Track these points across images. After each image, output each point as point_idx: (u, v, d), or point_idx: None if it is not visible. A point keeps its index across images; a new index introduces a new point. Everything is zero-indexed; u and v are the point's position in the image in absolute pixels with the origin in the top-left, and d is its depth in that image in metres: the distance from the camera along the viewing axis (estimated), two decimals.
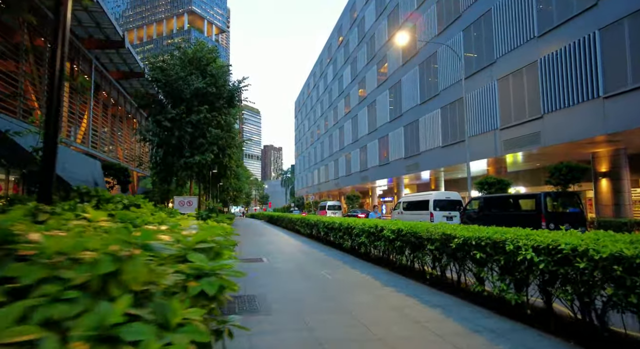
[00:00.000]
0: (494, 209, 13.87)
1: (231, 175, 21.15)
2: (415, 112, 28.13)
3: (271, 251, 11.10)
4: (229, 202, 58.62)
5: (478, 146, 20.73)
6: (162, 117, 15.26)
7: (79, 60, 28.28)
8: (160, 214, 3.11)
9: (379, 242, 7.74)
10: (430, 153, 25.90)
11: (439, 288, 5.82)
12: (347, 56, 44.87)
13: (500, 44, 19.19)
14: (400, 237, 6.81)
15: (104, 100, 35.07)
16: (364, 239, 8.43)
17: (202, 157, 15.15)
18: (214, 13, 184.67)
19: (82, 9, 24.65)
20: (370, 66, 37.18)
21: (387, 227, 7.34)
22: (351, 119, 42.24)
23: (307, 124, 66.96)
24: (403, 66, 30.30)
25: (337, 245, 11.34)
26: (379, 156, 34.39)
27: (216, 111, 15.99)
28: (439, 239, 5.50)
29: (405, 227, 6.69)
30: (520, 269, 3.87)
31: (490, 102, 19.90)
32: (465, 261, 5.18)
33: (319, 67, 59.39)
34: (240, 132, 20.40)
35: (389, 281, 6.46)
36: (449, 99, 23.80)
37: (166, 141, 15.74)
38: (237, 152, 26.98)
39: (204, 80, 15.73)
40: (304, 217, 17.25)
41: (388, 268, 7.64)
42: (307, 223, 15.44)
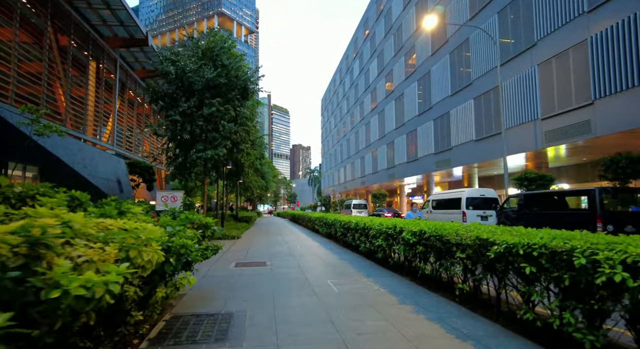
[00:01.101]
0: (537, 208, 12.13)
1: (249, 172, 20.27)
2: (445, 104, 26.29)
3: (280, 253, 10.05)
4: (255, 200, 58.46)
5: (516, 138, 18.80)
6: (173, 111, 14.60)
7: (104, 59, 28.57)
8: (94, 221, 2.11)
9: (398, 247, 6.49)
10: (462, 148, 24.04)
11: (471, 307, 4.52)
12: (373, 49, 43.28)
13: (541, 24, 17.19)
14: (423, 241, 5.53)
15: (130, 99, 35.56)
16: (380, 241, 7.18)
17: (214, 152, 14.35)
18: (243, 14, 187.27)
19: (105, 7, 24.81)
20: (398, 58, 35.47)
21: (407, 228, 6.07)
22: (378, 114, 40.64)
23: (333, 122, 65.74)
24: (432, 56, 28.47)
25: (354, 247, 10.14)
26: (407, 152, 32.67)
27: (229, 103, 15.14)
28: (472, 246, 4.20)
29: (428, 228, 5.41)
30: (600, 295, 2.54)
31: (529, 90, 17.93)
32: (507, 275, 3.86)
33: (345, 63, 58.01)
34: (256, 128, 19.38)
35: (408, 295, 5.20)
36: (482, 89, 21.89)
37: (178, 136, 15.08)
38: (258, 148, 26.20)
39: (216, 71, 14.94)
40: (322, 216, 16.12)
41: (409, 278, 6.36)
42: (325, 222, 14.30)
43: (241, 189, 33.58)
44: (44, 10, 20.96)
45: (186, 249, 3.44)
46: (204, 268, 7.46)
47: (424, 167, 29.32)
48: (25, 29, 20.05)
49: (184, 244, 3.41)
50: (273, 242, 13.16)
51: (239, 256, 9.55)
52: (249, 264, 8.05)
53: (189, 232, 4.03)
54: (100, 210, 3.29)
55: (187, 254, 3.51)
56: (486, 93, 21.52)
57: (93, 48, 26.67)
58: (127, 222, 2.78)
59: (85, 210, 3.47)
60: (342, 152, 57.64)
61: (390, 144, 36.68)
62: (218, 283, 6.11)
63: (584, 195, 11.09)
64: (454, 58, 25.45)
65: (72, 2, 23.64)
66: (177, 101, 14.92)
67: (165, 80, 14.98)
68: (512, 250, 3.39)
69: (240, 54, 16.14)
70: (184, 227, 4.12)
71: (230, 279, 6.36)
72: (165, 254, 3.24)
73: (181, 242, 3.39)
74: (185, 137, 14.99)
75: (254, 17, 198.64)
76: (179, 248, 3.36)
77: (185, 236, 3.83)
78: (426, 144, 28.87)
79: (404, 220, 7.36)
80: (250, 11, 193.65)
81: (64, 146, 18.78)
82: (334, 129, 65.55)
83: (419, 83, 30.75)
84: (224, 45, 15.71)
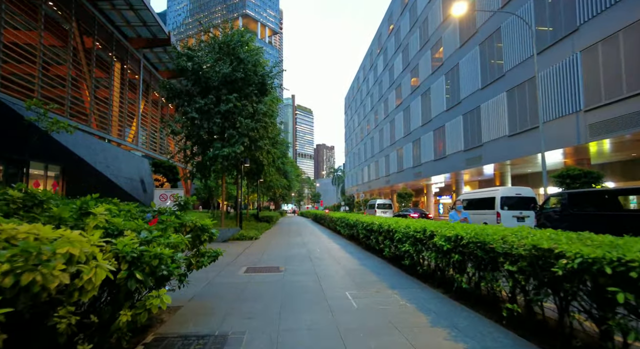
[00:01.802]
0: (584, 208, 10.82)
1: (270, 171, 19.63)
2: (475, 98, 24.83)
3: (296, 256, 9.30)
4: (279, 200, 58.23)
5: (554, 133, 17.30)
6: (189, 108, 14.16)
7: (128, 59, 28.83)
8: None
9: (428, 253, 5.59)
10: (494, 144, 22.56)
11: (523, 332, 3.59)
12: (398, 44, 41.94)
13: (584, 6, 15.64)
14: (459, 249, 4.62)
15: (154, 99, 35.92)
16: (407, 247, 6.29)
17: (231, 149, 13.80)
18: (267, 15, 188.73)
19: (128, 7, 24.94)
20: (424, 52, 34.07)
21: (439, 232, 5.17)
22: (403, 111, 39.31)
23: (357, 120, 64.60)
24: (461, 48, 27.02)
25: (377, 251, 9.25)
26: (435, 149, 31.25)
27: (246, 98, 14.55)
28: (527, 257, 3.28)
29: (466, 233, 4.49)
30: None
31: (570, 79, 16.39)
32: (576, 297, 2.93)
33: (369, 60, 56.79)
34: (275, 125, 18.68)
35: (442, 314, 4.31)
36: (516, 81, 20.39)
37: (194, 134, 14.63)
38: (280, 147, 25.62)
39: (232, 65, 14.38)
40: (343, 216, 15.28)
41: (441, 290, 5.45)
42: (347, 223, 13.45)
43: (263, 188, 33.20)
44: (68, 11, 21.17)
45: (161, 261, 2.73)
46: (212, 273, 6.82)
47: (453, 165, 27.89)
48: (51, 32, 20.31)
49: (157, 254, 2.70)
50: (291, 244, 12.45)
51: (252, 259, 8.88)
52: (261, 269, 7.35)
53: (174, 237, 3.32)
54: (50, 212, 2.64)
55: (164, 267, 2.80)
56: (520, 85, 20.02)
57: (117, 49, 26.93)
58: (65, 231, 2.08)
59: (45, 211, 2.82)
60: (366, 150, 56.46)
61: (416, 141, 35.32)
62: (221, 292, 5.43)
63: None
64: (484, 49, 23.97)
65: (96, 4, 23.88)
66: (194, 97, 14.46)
67: (181, 76, 14.55)
68: (592, 267, 2.47)
69: (258, 47, 15.53)
70: (165, 232, 3.42)
71: (236, 288, 5.66)
72: (129, 267, 2.53)
73: (154, 252, 2.68)
74: (202, 135, 14.52)
75: (278, 17, 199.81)
76: (150, 259, 2.65)
77: (166, 243, 3.13)
78: (455, 140, 27.44)
79: (435, 222, 6.44)
80: (274, 12, 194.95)
81: (87, 146, 18.84)
82: (357, 128, 64.42)
83: (447, 77, 29.33)
84: (241, 38, 15.15)
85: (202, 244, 4.51)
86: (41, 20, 18.82)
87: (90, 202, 2.94)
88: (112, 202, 4.06)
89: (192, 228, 4.18)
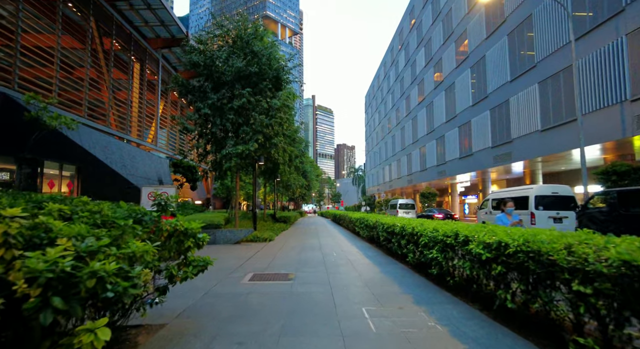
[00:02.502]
0: (638, 208, 9.53)
1: (286, 169, 18.89)
2: (504, 92, 23.36)
3: (310, 261, 8.50)
4: (298, 200, 57.69)
5: (593, 126, 15.83)
6: (201, 104, 13.61)
7: (146, 60, 28.83)
8: None
9: (461, 262, 4.67)
10: (525, 140, 21.07)
11: None
12: (420, 38, 40.53)
13: None
14: (503, 258, 3.69)
15: (174, 99, 35.97)
16: (435, 253, 5.38)
17: (245, 147, 13.16)
18: (287, 16, 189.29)
19: (145, 7, 24.83)
20: (448, 45, 32.63)
21: (477, 237, 4.25)
22: (426, 108, 37.90)
23: (378, 118, 63.25)
24: (487, 39, 25.56)
25: (400, 256, 8.33)
26: (460, 146, 29.80)
27: (260, 94, 13.87)
28: (613, 277, 2.35)
29: (513, 240, 3.56)
30: None
31: (614, 67, 14.90)
32: None
33: (390, 56, 55.43)
34: (292, 121, 17.83)
35: (481, 341, 3.40)
36: (550, 71, 18.90)
37: (208, 131, 14.08)
38: (297, 145, 24.91)
39: (245, 59, 13.75)
40: (363, 217, 14.35)
41: (477, 306, 4.52)
42: (366, 225, 12.54)
43: (281, 188, 32.62)
44: (87, 11, 21.16)
45: (101, 281, 1.98)
46: (212, 281, 6.11)
47: (479, 163, 26.44)
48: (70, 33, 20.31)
49: (94, 272, 1.95)
50: (306, 247, 11.66)
51: (261, 264, 8.14)
52: (268, 276, 6.59)
53: (137, 246, 2.58)
54: None
55: (110, 287, 2.05)
56: (554, 75, 18.54)
57: (135, 49, 26.93)
58: None
59: None
60: (387, 149, 55.11)
61: (440, 138, 33.90)
62: (217, 306, 4.69)
63: None
64: (513, 39, 22.48)
65: (114, 4, 23.87)
66: (206, 93, 13.91)
67: (192, 69, 14.02)
68: None
69: (273, 40, 14.84)
70: (122, 238, 2.68)
71: (236, 301, 4.91)
72: (44, 292, 1.79)
73: (89, 270, 1.94)
74: (215, 132, 13.95)
75: (298, 18, 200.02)
76: (85, 279, 1.91)
77: (120, 254, 2.38)
78: (482, 137, 25.99)
79: (468, 225, 5.49)
80: (294, 13, 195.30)
81: (102, 145, 18.69)
82: (378, 126, 63.08)
83: (472, 70, 27.87)
84: (256, 31, 14.51)
85: (190, 252, 3.76)
86: (59, 21, 18.82)
87: (34, 195, 2.22)
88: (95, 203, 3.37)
89: (171, 233, 3.44)
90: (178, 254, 3.79)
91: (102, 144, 18.50)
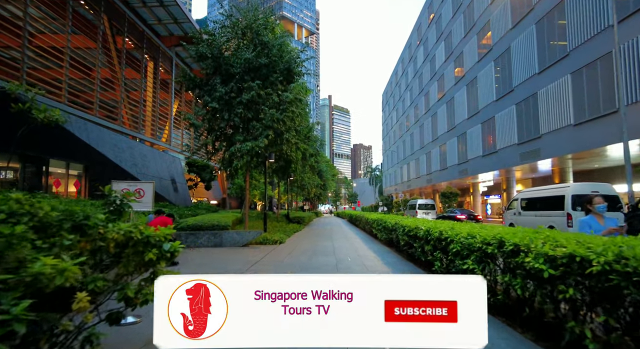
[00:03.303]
0: None
1: (299, 168, 17.95)
2: (531, 85, 21.85)
3: (321, 269, 7.56)
4: (314, 200, 56.85)
5: (637, 118, 14.33)
6: (209, 97, 12.87)
7: (159, 58, 28.50)
8: None
9: (507, 278, 3.65)
10: (555, 135, 19.56)
11: None
12: (439, 33, 39.05)
13: None
14: (578, 279, 2.67)
15: (188, 99, 35.65)
16: (471, 264, 4.36)
17: (254, 143, 12.35)
18: (303, 16, 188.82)
19: (158, 3, 24.41)
20: (469, 38, 31.13)
21: (531, 247, 3.23)
22: (446, 104, 36.41)
23: (395, 116, 61.76)
24: (513, 29, 24.06)
25: (424, 263, 7.30)
26: (483, 143, 28.30)
27: (270, 87, 13.03)
28: None
29: (595, 253, 2.52)
30: None
31: None
32: None
33: (408, 52, 53.95)
34: (305, 117, 16.74)
35: None
36: (585, 60, 17.40)
37: (216, 126, 13.33)
38: (312, 143, 24.02)
39: (255, 50, 12.94)
40: (380, 218, 13.31)
41: (531, 335, 3.49)
42: (384, 227, 11.51)
43: (296, 187, 31.81)
44: (97, 7, 20.83)
45: None
46: None
47: (504, 160, 24.94)
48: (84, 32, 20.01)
49: None
50: (318, 251, 10.73)
51: (265, 272, 7.25)
52: None
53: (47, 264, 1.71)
54: None
55: None
56: (590, 64, 17.04)
57: (148, 47, 26.60)
58: None
59: None
60: (405, 148, 53.63)
61: (461, 136, 32.41)
62: None
63: None
64: (542, 28, 20.98)
65: (127, 2, 23.53)
66: (215, 86, 13.17)
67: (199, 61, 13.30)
68: None
69: (284, 31, 13.98)
70: None
71: None
72: None
73: None
74: (223, 127, 13.20)
75: (314, 18, 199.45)
76: None
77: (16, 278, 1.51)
78: (507, 133, 24.50)
79: (512, 229, 4.45)
80: (311, 12, 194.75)
81: (112, 144, 18.25)
82: (395, 124, 61.60)
83: (496, 63, 26.37)
84: (266, 21, 13.70)
85: (157, 266, 2.87)
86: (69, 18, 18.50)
87: None
88: None
89: (122, 243, 2.55)
90: (144, 268, 2.91)
91: (111, 143, 18.05)
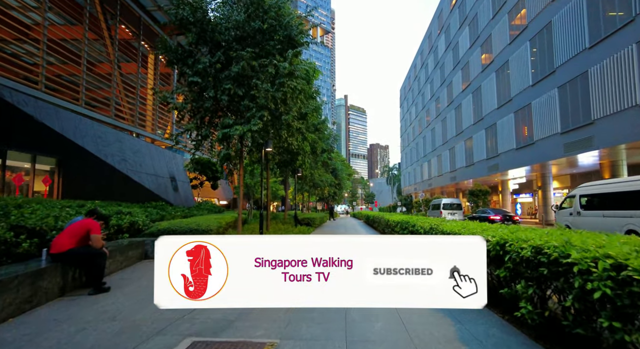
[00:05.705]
0: None
1: (305, 160, 15.20)
2: (578, 63, 18.63)
3: None
4: (329, 200, 54.06)
5: None
6: (190, 71, 10.42)
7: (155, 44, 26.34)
8: None
9: None
10: (612, 119, 16.34)
11: None
12: (463, 17, 35.82)
13: None
14: None
15: None
16: None
17: (245, 127, 9.82)
18: (318, 15, 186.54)
19: None
20: (498, 19, 27.89)
21: None
22: (472, 94, 33.14)
23: (414, 111, 58.40)
24: (554, 1, 20.84)
25: (496, 298, 4.49)
26: (517, 135, 25.03)
27: (266, 57, 10.46)
28: None
29: None
30: None
31: None
32: None
33: (427, 43, 50.69)
34: (303, 93, 13.65)
35: None
36: None
37: (199, 107, 10.84)
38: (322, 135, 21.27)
39: (247, 12, 10.43)
40: (405, 220, 10.48)
41: None
42: (412, 231, 8.71)
43: (308, 186, 29.17)
44: None
45: None
46: None
47: (544, 153, 21.68)
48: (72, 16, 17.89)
49: None
50: None
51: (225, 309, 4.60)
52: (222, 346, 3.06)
53: None
54: None
55: None
56: None
57: (146, 35, 24.52)
58: None
59: None
60: (425, 144, 50.29)
61: (490, 127, 29.14)
62: None
63: None
64: None
65: None
66: (198, 58, 10.70)
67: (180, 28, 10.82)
68: None
69: None
70: None
71: None
72: None
73: None
74: (208, 108, 10.69)
75: (330, 17, 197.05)
76: None
77: None
78: (547, 121, 21.25)
79: None
80: (326, 11, 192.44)
81: (94, 135, 16.00)
82: (414, 120, 58.26)
83: (532, 44, 23.15)
84: None
85: None
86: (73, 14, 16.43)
87: None
88: None
89: None
90: None
91: (93, 134, 15.82)
